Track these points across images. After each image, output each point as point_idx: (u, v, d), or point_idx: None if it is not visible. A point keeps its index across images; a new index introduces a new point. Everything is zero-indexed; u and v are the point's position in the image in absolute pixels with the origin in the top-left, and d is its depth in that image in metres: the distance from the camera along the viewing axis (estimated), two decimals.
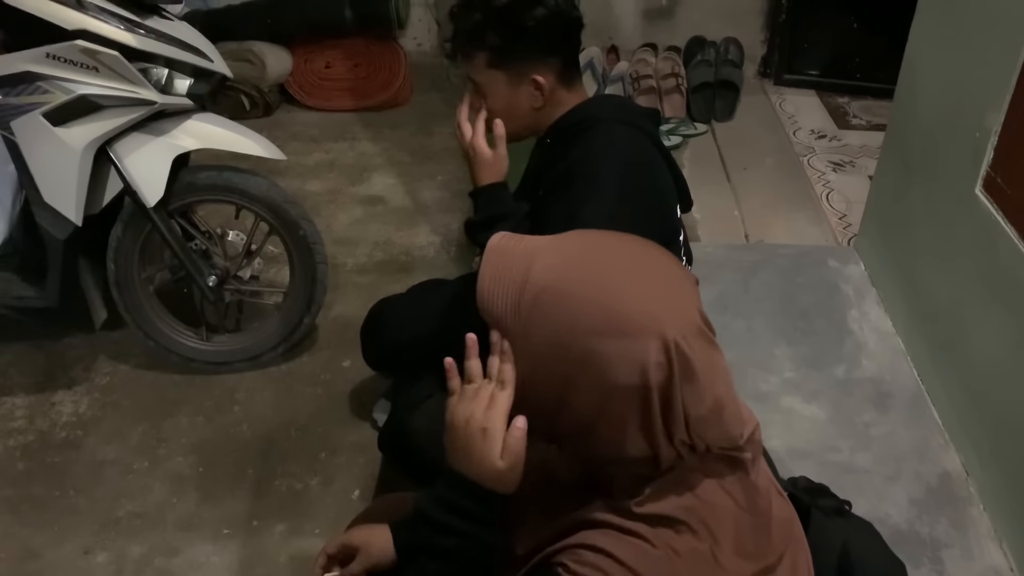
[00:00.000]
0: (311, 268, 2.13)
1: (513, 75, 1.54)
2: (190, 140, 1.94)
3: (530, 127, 1.61)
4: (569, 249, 0.85)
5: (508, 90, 1.56)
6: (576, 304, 0.80)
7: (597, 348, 0.79)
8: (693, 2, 3.82)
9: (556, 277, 0.81)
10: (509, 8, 1.51)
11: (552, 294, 0.80)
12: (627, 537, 0.82)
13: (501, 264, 0.83)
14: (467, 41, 1.54)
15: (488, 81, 1.55)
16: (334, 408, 2.14)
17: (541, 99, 1.56)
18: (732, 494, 0.84)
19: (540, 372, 0.82)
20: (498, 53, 1.52)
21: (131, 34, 1.81)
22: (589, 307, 0.79)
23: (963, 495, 1.77)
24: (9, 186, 2.06)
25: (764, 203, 2.95)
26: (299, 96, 3.76)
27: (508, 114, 1.57)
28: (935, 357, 2.01)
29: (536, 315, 0.81)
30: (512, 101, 1.56)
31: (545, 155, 1.62)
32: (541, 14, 1.50)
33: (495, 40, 1.51)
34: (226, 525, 1.84)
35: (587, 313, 0.79)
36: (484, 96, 1.57)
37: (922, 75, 2.18)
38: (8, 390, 2.18)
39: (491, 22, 1.51)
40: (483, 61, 1.54)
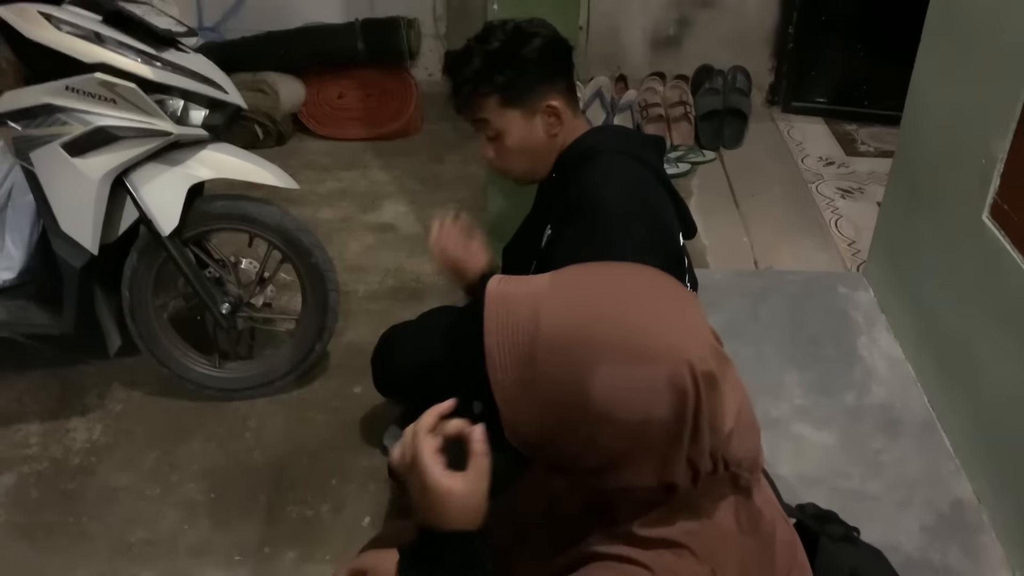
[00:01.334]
0: (323, 295, 2.15)
1: (527, 109, 1.55)
2: (205, 170, 1.97)
3: (547, 160, 1.61)
4: (575, 287, 0.84)
5: (525, 124, 1.56)
6: (595, 344, 0.78)
7: (624, 384, 0.77)
8: (701, 31, 3.86)
9: (569, 319, 0.79)
10: (507, 47, 1.53)
11: (568, 338, 0.78)
12: (628, 567, 0.82)
13: (505, 312, 0.81)
14: (474, 89, 1.55)
15: (504, 122, 1.56)
16: (345, 435, 2.15)
17: (559, 124, 1.57)
18: (736, 517, 0.85)
19: (562, 417, 0.79)
20: (508, 91, 1.53)
21: (148, 67, 1.85)
22: (609, 345, 0.78)
23: (975, 523, 1.76)
24: (27, 215, 2.10)
25: (773, 230, 2.97)
26: (312, 126, 3.80)
27: (529, 149, 1.58)
28: (945, 383, 2.01)
29: (553, 361, 0.79)
30: (531, 134, 1.57)
31: (550, 191, 1.63)
32: (539, 44, 1.53)
33: (501, 80, 1.52)
34: (238, 551, 1.84)
35: (608, 351, 0.78)
36: (502, 138, 1.57)
37: (928, 103, 2.20)
38: (23, 417, 2.20)
39: (493, 64, 1.52)
40: (495, 103, 1.54)
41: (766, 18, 3.84)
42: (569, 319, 0.80)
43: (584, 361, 0.78)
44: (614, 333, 0.79)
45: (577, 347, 0.78)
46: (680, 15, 3.84)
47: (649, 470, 0.80)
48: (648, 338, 0.79)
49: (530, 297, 0.81)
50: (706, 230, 2.96)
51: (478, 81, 1.54)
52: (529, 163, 1.61)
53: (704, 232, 2.94)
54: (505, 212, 2.37)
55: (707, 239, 2.87)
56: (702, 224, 3.00)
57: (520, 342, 0.79)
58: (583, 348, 0.78)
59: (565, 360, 0.78)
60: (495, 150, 1.60)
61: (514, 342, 0.79)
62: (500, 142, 1.58)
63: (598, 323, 0.79)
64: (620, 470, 0.81)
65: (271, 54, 3.67)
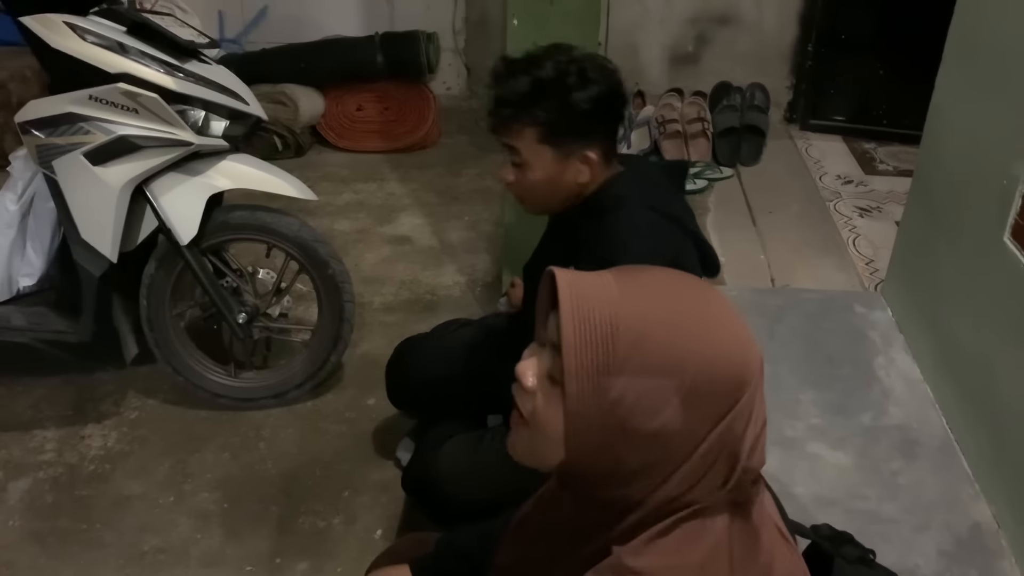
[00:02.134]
0: (339, 306, 2.15)
1: (562, 152, 1.49)
2: (224, 180, 1.99)
3: (565, 202, 1.57)
4: (648, 283, 0.82)
5: (555, 165, 1.50)
6: (681, 335, 0.78)
7: (707, 374, 0.77)
8: (719, 48, 3.87)
9: (651, 311, 0.79)
10: (560, 83, 1.46)
11: (652, 331, 0.77)
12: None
13: (580, 300, 0.78)
14: (514, 115, 1.48)
15: (534, 156, 1.50)
16: (358, 446, 2.15)
17: (588, 175, 1.52)
18: (730, 548, 0.82)
19: (637, 409, 0.77)
20: (549, 129, 1.47)
21: (171, 77, 1.87)
22: (693, 338, 0.78)
23: (994, 548, 1.74)
24: (48, 223, 2.12)
25: (790, 248, 2.95)
26: (330, 138, 3.83)
27: (548, 188, 1.53)
28: (964, 405, 1.99)
29: (638, 351, 0.77)
30: (556, 177, 1.51)
31: (569, 226, 1.59)
32: (594, 94, 1.46)
33: (543, 116, 1.46)
34: (249, 562, 1.84)
35: (693, 343, 0.78)
36: (526, 169, 1.52)
37: (949, 122, 2.19)
38: (39, 423, 2.22)
39: (540, 96, 1.45)
40: (532, 136, 1.48)
41: (785, 35, 3.84)
42: (649, 306, 0.79)
43: (668, 345, 0.77)
44: (695, 321, 0.79)
45: (661, 332, 0.78)
46: (698, 32, 3.85)
47: (691, 472, 0.79)
48: (724, 330, 0.80)
49: (601, 287, 0.79)
50: (723, 247, 2.95)
51: (521, 108, 1.47)
52: (545, 200, 1.57)
53: (721, 249, 2.90)
54: (521, 226, 2.37)
55: (724, 256, 2.83)
56: (719, 241, 3.00)
57: (599, 331, 0.77)
58: (667, 332, 0.78)
59: (650, 345, 0.77)
60: (516, 176, 1.54)
61: (593, 330, 0.77)
62: (523, 172, 1.53)
63: (679, 310, 0.80)
64: (660, 469, 0.79)
65: (291, 66, 3.71)
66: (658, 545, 0.81)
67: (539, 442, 0.82)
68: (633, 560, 0.80)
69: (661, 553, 0.80)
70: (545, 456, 0.82)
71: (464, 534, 1.24)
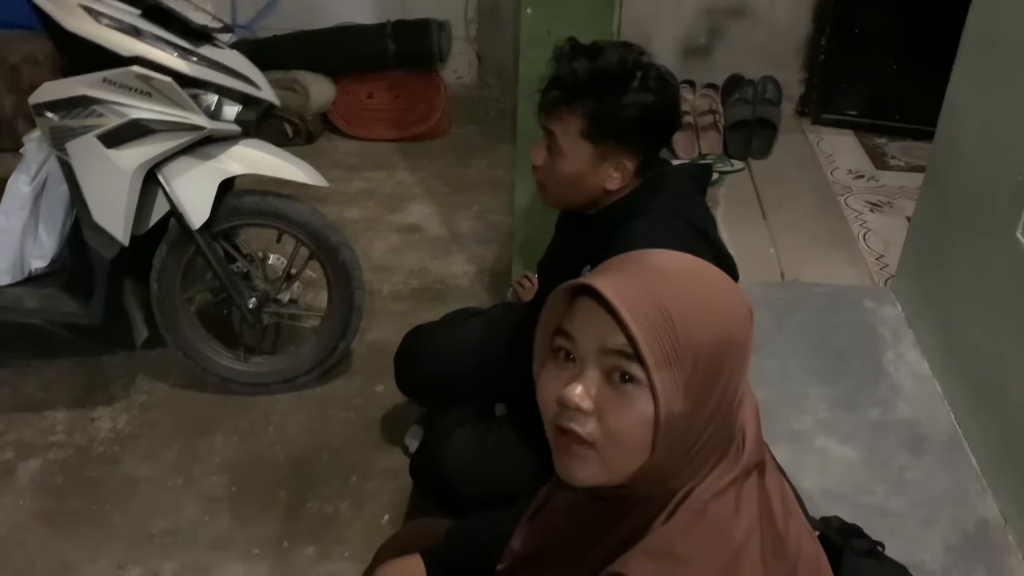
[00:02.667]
0: (348, 294, 2.16)
1: (599, 152, 1.46)
2: (236, 165, 1.99)
3: (585, 203, 1.54)
4: (659, 272, 0.84)
5: (589, 163, 1.47)
6: (715, 302, 0.82)
7: (741, 333, 0.83)
8: (731, 41, 3.84)
9: (681, 288, 0.82)
10: (616, 78, 1.42)
11: (692, 304, 0.80)
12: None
13: (638, 307, 0.79)
14: (565, 100, 1.44)
15: (572, 147, 1.46)
16: (366, 433, 2.16)
17: (618, 183, 1.49)
18: (763, 541, 0.83)
19: (709, 376, 0.80)
20: (594, 125, 1.43)
21: (184, 61, 1.87)
22: (723, 305, 0.83)
23: (1001, 543, 1.74)
24: (61, 205, 2.12)
25: (800, 242, 2.94)
26: (341, 125, 3.83)
27: (573, 185, 1.50)
28: (973, 401, 1.99)
29: (694, 325, 0.79)
30: (586, 176, 1.48)
31: (589, 234, 1.56)
32: (649, 104, 1.43)
33: (594, 110, 1.42)
34: (257, 546, 1.85)
35: (726, 309, 0.82)
36: (557, 157, 1.48)
37: (963, 117, 2.17)
38: (50, 405, 2.23)
39: (593, 86, 1.42)
40: (575, 127, 1.44)
41: (798, 29, 3.82)
42: (677, 284, 0.82)
43: (711, 312, 0.81)
44: (714, 289, 0.84)
45: (700, 303, 0.81)
46: (711, 24, 3.83)
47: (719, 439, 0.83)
48: (734, 294, 0.85)
49: (634, 282, 0.81)
50: (732, 240, 2.94)
51: (573, 94, 1.43)
52: (566, 195, 1.54)
53: (730, 242, 2.92)
54: (532, 217, 2.37)
55: (733, 249, 2.80)
56: (729, 234, 2.99)
57: (657, 322, 0.78)
58: (704, 301, 0.81)
59: (697, 317, 0.80)
60: (545, 161, 1.51)
61: (652, 324, 0.78)
62: (555, 161, 1.49)
63: (699, 279, 0.84)
64: (714, 439, 0.83)
65: (303, 53, 3.70)
66: (696, 529, 0.81)
67: (616, 456, 0.80)
68: (670, 542, 0.81)
69: (697, 536, 0.81)
70: (623, 468, 0.80)
71: (475, 523, 1.25)
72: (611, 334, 0.78)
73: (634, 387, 0.78)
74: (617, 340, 0.78)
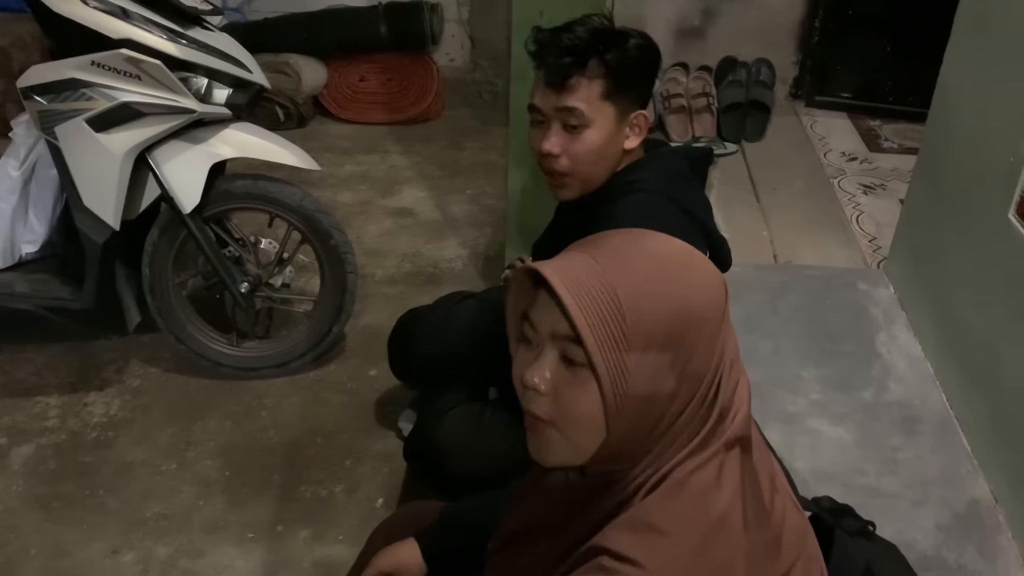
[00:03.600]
0: (341, 278, 2.15)
1: (621, 110, 1.45)
2: (227, 149, 1.98)
3: (607, 175, 1.50)
4: (622, 246, 0.84)
5: (614, 127, 1.45)
6: (673, 283, 0.81)
7: (702, 314, 0.81)
8: (725, 23, 3.83)
9: (636, 272, 0.80)
10: (612, 33, 1.43)
11: (646, 287, 0.80)
12: (624, 567, 0.81)
13: (579, 289, 0.78)
14: (580, 65, 1.41)
15: (599, 115, 1.43)
16: (360, 416, 2.16)
17: (636, 139, 1.48)
18: (743, 508, 0.83)
19: (662, 360, 0.80)
20: (614, 81, 1.42)
21: (174, 44, 1.86)
22: (682, 283, 0.82)
23: (992, 523, 1.75)
24: (51, 189, 2.11)
25: (793, 224, 2.95)
26: (333, 109, 3.81)
27: (601, 155, 1.47)
28: (965, 382, 1.99)
29: (644, 308, 0.78)
30: (613, 140, 1.46)
31: (583, 213, 1.54)
32: (639, 43, 1.45)
33: (610, 66, 1.41)
34: (251, 529, 1.85)
35: (683, 289, 0.81)
36: (583, 132, 1.44)
37: (956, 100, 2.17)
38: (42, 390, 2.22)
39: (601, 41, 1.41)
40: (597, 90, 1.42)
41: (792, 11, 3.80)
42: (631, 267, 0.81)
43: (667, 294, 0.80)
44: (675, 267, 0.83)
45: (655, 286, 0.80)
46: (705, 6, 3.81)
47: (691, 416, 0.82)
48: (699, 273, 0.84)
49: (585, 264, 0.81)
50: (726, 223, 2.94)
51: (586, 56, 1.40)
52: (593, 171, 1.49)
53: (724, 225, 2.92)
54: (526, 200, 2.36)
55: (727, 232, 2.81)
56: (722, 217, 2.98)
57: (606, 308, 0.78)
58: (660, 283, 0.80)
59: (651, 300, 0.79)
60: (565, 144, 1.45)
61: (600, 309, 0.78)
62: (579, 137, 1.44)
63: (656, 261, 0.83)
64: (678, 420, 0.82)
65: (294, 36, 3.68)
66: (677, 501, 0.82)
67: (575, 434, 0.81)
68: (651, 515, 0.82)
69: (678, 508, 0.82)
70: (584, 446, 0.82)
71: (469, 505, 1.25)
72: (560, 320, 0.80)
73: (583, 370, 0.79)
74: (565, 326, 0.79)
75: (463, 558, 1.18)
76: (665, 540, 0.80)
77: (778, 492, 0.89)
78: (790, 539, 0.88)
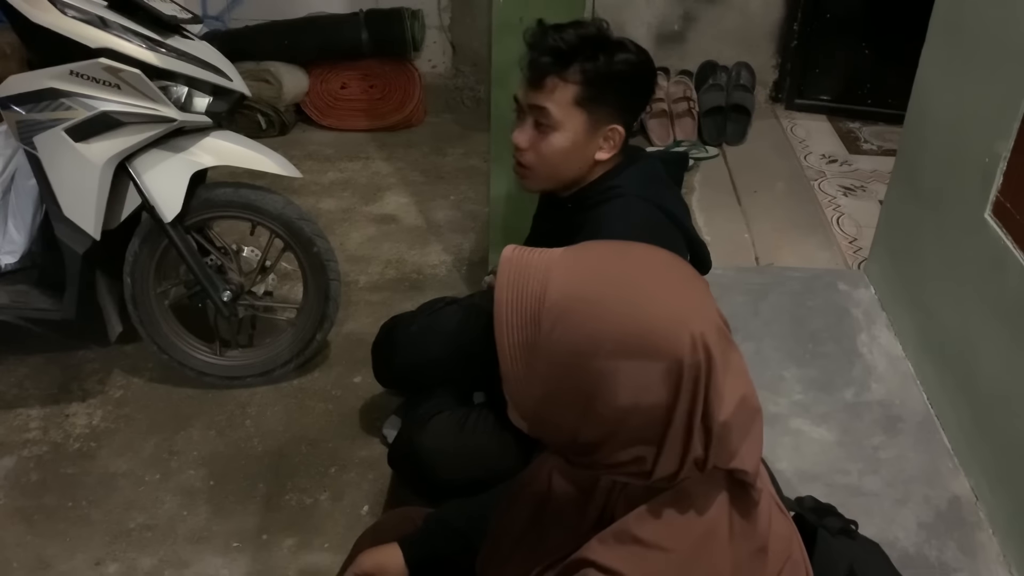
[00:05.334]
0: (324, 285, 2.15)
1: (593, 119, 1.45)
2: (208, 157, 1.97)
3: (573, 179, 1.52)
4: (587, 259, 0.82)
5: (583, 134, 1.46)
6: (599, 307, 0.78)
7: (625, 349, 0.76)
8: (705, 27, 3.85)
9: (577, 288, 0.79)
10: (601, 41, 1.43)
11: (574, 299, 0.78)
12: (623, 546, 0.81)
13: (517, 276, 0.79)
14: (557, 67, 1.42)
15: (566, 118, 1.44)
16: (344, 424, 2.15)
17: (608, 152, 1.48)
18: (729, 518, 0.83)
19: (563, 380, 0.78)
20: (588, 90, 1.42)
21: (153, 53, 1.85)
22: (614, 314, 0.77)
23: (972, 520, 1.77)
24: (30, 200, 2.10)
25: (774, 227, 2.97)
26: (315, 116, 3.80)
27: (565, 158, 1.48)
28: (945, 381, 2.01)
29: (559, 328, 0.78)
30: (579, 146, 1.47)
31: (562, 215, 1.57)
32: (632, 60, 1.44)
33: (588, 74, 1.42)
34: (236, 538, 1.85)
35: (613, 320, 0.77)
36: (550, 134, 1.46)
37: (932, 101, 2.20)
38: (23, 401, 2.21)
39: (585, 49, 1.42)
40: (569, 95, 1.43)
41: (771, 15, 3.83)
42: (576, 282, 0.79)
43: (588, 323, 0.77)
44: (619, 297, 0.78)
45: (582, 308, 0.77)
46: (685, 10, 3.84)
47: (643, 448, 0.79)
48: (653, 305, 0.78)
49: (542, 263, 0.80)
50: (708, 226, 2.96)
51: (565, 60, 1.41)
52: (555, 172, 1.51)
53: (706, 228, 2.94)
54: (508, 205, 2.37)
55: (709, 235, 2.86)
56: (704, 220, 3.01)
57: (528, 305, 0.78)
58: (587, 309, 0.77)
59: (570, 322, 0.77)
60: (533, 141, 1.48)
61: (523, 305, 0.78)
62: (545, 137, 1.46)
63: (604, 286, 0.79)
64: (613, 445, 0.79)
65: (275, 44, 3.67)
66: (663, 515, 0.82)
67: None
68: (637, 528, 0.82)
69: (664, 521, 0.82)
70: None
71: (453, 510, 1.25)
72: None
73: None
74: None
75: (446, 564, 1.18)
76: (652, 553, 0.80)
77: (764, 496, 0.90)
78: (776, 546, 0.88)
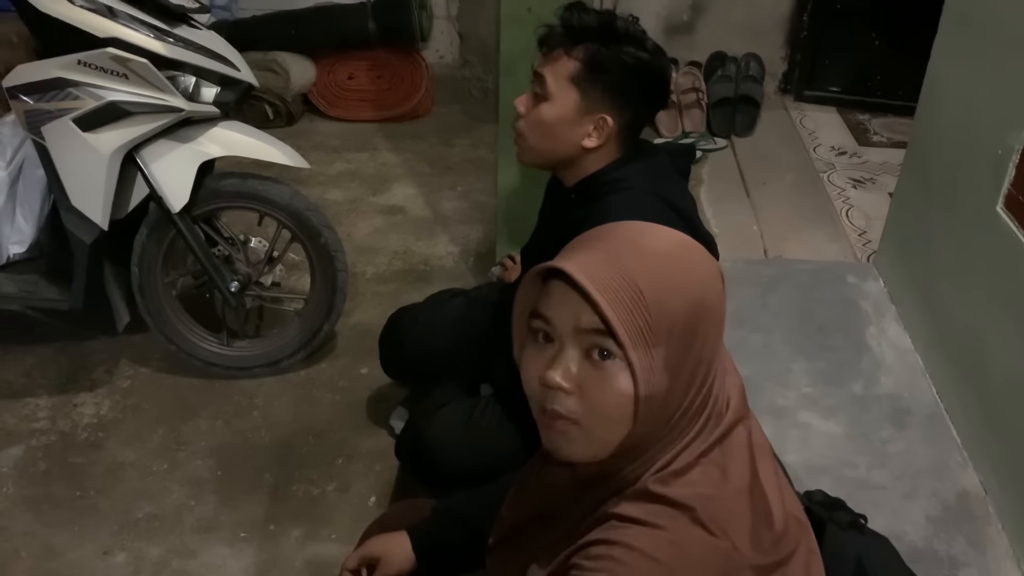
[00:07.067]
0: (331, 276, 2.15)
1: (585, 102, 1.46)
2: (215, 147, 1.97)
3: (561, 161, 1.53)
4: (628, 244, 0.84)
5: (571, 113, 1.46)
6: (678, 278, 0.82)
7: (708, 305, 0.83)
8: (714, 18, 3.83)
9: (653, 267, 0.82)
10: (622, 35, 1.44)
11: (660, 284, 0.81)
12: (636, 526, 0.82)
13: (608, 285, 0.79)
14: (564, 40, 1.44)
15: (559, 93, 1.46)
16: (352, 415, 2.15)
17: (595, 141, 1.48)
18: (751, 490, 0.85)
19: (674, 355, 0.81)
20: (586, 70, 1.44)
21: (160, 42, 1.85)
22: (691, 278, 0.83)
23: (981, 514, 1.76)
24: (38, 189, 2.10)
25: (783, 219, 2.95)
26: (322, 106, 3.80)
27: (550, 134, 1.49)
28: (954, 375, 2.00)
29: (663, 310, 0.80)
30: (566, 125, 1.48)
31: (567, 209, 1.57)
32: (643, 60, 1.45)
33: (591, 55, 1.43)
34: (243, 529, 1.85)
35: (693, 283, 0.83)
36: (542, 104, 1.48)
37: (944, 93, 2.18)
38: (32, 391, 2.21)
39: (599, 37, 1.43)
40: (566, 70, 1.45)
41: (780, 6, 3.81)
42: (653, 267, 0.82)
43: (680, 296, 0.81)
44: (680, 257, 0.85)
45: (670, 288, 0.81)
46: (694, 1, 3.81)
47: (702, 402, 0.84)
48: (706, 263, 0.86)
49: (618, 260, 0.81)
50: (716, 218, 2.95)
51: (575, 36, 1.43)
52: (541, 145, 1.52)
53: (714, 220, 2.93)
54: (516, 196, 2.36)
55: (717, 227, 2.85)
56: (712, 212, 2.99)
57: (635, 306, 0.79)
58: (673, 287, 0.82)
59: (668, 305, 0.80)
60: (529, 108, 1.50)
61: (629, 309, 0.79)
62: (539, 106, 1.49)
63: (671, 259, 0.85)
64: (704, 384, 0.84)
65: (282, 34, 3.66)
66: (686, 478, 0.83)
67: (600, 430, 0.81)
68: (661, 488, 0.82)
69: (687, 483, 0.83)
70: (606, 441, 0.82)
71: (461, 500, 1.25)
72: (584, 313, 0.80)
73: (612, 362, 0.80)
74: (591, 319, 0.79)
75: (454, 553, 1.18)
76: (677, 511, 0.82)
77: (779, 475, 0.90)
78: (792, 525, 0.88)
